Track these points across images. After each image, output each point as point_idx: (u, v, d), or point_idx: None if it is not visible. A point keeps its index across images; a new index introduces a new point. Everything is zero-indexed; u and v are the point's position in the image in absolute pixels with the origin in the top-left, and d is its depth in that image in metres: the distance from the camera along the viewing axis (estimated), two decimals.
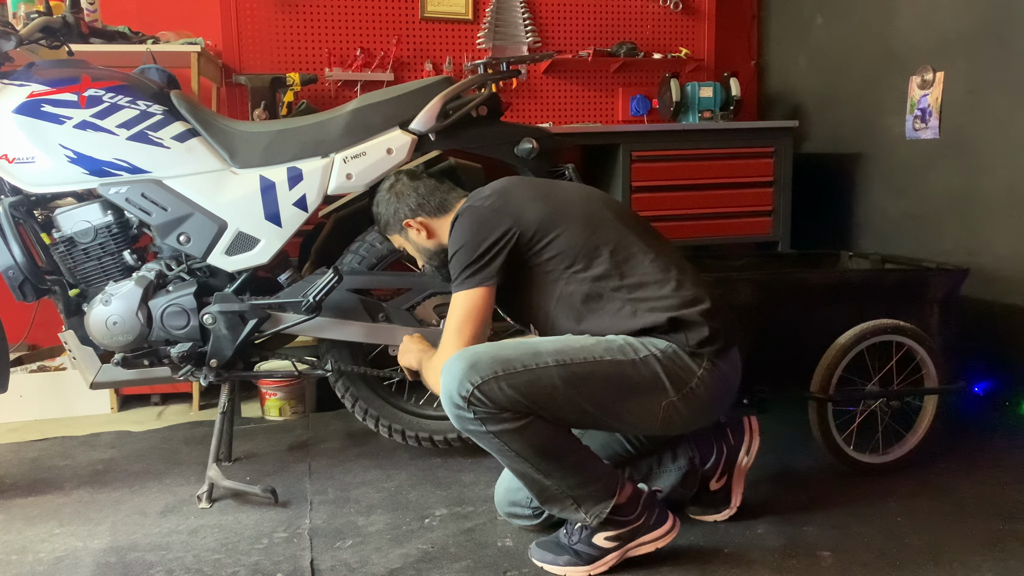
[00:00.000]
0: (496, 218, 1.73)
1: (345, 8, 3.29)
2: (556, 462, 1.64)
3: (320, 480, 2.25)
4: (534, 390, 1.58)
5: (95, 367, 2.16)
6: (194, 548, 1.86)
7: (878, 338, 2.15)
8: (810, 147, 3.61)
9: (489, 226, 1.72)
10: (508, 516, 1.92)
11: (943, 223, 2.93)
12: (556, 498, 1.68)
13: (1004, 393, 2.69)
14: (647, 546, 1.72)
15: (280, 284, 2.20)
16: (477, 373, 1.57)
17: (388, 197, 1.95)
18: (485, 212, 1.75)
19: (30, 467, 2.40)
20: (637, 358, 1.63)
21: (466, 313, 1.72)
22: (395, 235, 1.99)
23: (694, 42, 3.70)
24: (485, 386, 1.57)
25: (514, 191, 1.79)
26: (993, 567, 1.71)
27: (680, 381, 1.65)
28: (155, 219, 2.08)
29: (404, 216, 1.93)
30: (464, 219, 1.76)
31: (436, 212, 1.92)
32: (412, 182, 1.95)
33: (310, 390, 2.89)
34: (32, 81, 2.01)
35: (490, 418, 1.58)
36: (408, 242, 1.97)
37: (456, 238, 1.76)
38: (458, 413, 1.60)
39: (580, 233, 1.72)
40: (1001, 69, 2.67)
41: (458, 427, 1.63)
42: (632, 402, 1.65)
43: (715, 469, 1.93)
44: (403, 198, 1.93)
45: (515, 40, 3.49)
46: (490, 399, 1.57)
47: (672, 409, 1.66)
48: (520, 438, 1.60)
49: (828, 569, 1.71)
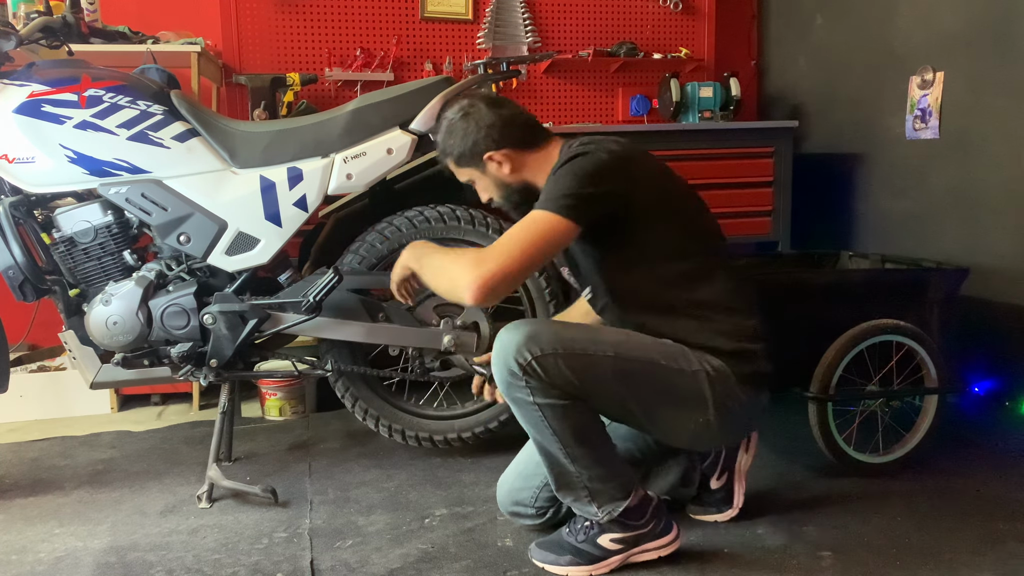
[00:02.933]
0: (618, 172, 1.63)
1: (345, 8, 3.29)
2: (586, 449, 1.62)
3: (320, 480, 2.25)
4: (588, 375, 1.58)
5: (95, 367, 2.16)
6: (194, 548, 1.86)
7: (878, 338, 2.14)
8: (810, 147, 3.61)
9: (608, 175, 1.61)
10: (511, 515, 1.91)
11: (943, 223, 2.93)
12: (573, 486, 1.67)
13: (1004, 393, 2.69)
14: (650, 553, 1.72)
15: (280, 284, 2.20)
16: (538, 345, 1.55)
17: (465, 126, 1.76)
18: (611, 160, 1.63)
19: (30, 467, 2.40)
20: (689, 370, 1.63)
21: (541, 235, 1.55)
22: (466, 168, 1.80)
23: (694, 42, 3.71)
24: (544, 359, 1.55)
25: (640, 160, 1.69)
26: (993, 567, 1.71)
27: (722, 403, 1.65)
28: (155, 219, 2.08)
29: (485, 148, 1.74)
30: (586, 159, 1.62)
31: (523, 144, 1.75)
32: (492, 109, 1.76)
33: (310, 390, 2.89)
34: (32, 81, 2.01)
35: (540, 391, 1.57)
36: (484, 176, 1.79)
37: (568, 168, 1.62)
38: (510, 379, 1.58)
39: (681, 232, 1.70)
40: (1001, 69, 2.67)
41: (504, 392, 1.61)
42: (672, 410, 1.66)
43: (715, 467, 1.93)
44: (485, 127, 1.74)
45: (515, 40, 3.49)
46: (546, 373, 1.55)
47: (706, 427, 1.66)
48: (562, 417, 1.59)
49: (828, 569, 1.71)
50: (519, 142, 1.75)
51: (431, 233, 2.27)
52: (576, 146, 1.69)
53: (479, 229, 2.29)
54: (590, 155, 1.64)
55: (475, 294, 1.52)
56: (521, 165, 1.76)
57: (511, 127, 1.75)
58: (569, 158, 1.65)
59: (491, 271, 1.52)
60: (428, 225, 2.27)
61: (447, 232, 2.28)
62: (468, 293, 1.52)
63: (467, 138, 1.76)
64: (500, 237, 1.59)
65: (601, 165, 1.63)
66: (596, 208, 1.61)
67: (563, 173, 1.62)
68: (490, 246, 1.59)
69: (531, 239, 1.56)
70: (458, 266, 1.57)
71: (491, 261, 1.53)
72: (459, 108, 1.79)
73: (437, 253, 1.70)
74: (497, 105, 1.77)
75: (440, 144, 1.83)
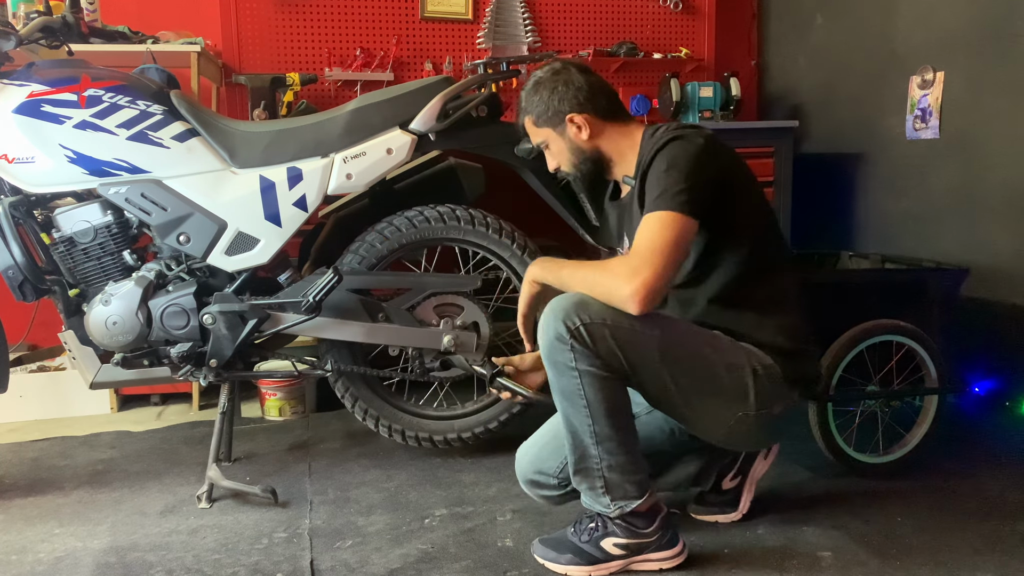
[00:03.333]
0: (717, 159, 1.64)
1: (345, 8, 3.29)
2: (613, 431, 1.61)
3: (320, 480, 2.25)
4: (633, 351, 1.58)
5: (95, 367, 2.16)
6: (194, 548, 1.86)
7: (878, 338, 2.14)
8: (810, 147, 3.61)
9: (710, 163, 1.62)
10: (530, 485, 1.88)
11: (943, 223, 2.93)
12: (590, 472, 1.65)
13: (1004, 393, 2.69)
14: (651, 564, 1.70)
15: (280, 284, 2.20)
16: (587, 313, 1.56)
17: (553, 84, 1.76)
18: (712, 147, 1.64)
19: (30, 467, 2.40)
20: (736, 363, 1.64)
21: (677, 236, 1.55)
22: (544, 128, 1.80)
23: (694, 42, 3.70)
24: (593, 327, 1.55)
25: (724, 148, 1.69)
26: (993, 567, 1.71)
27: (764, 401, 1.65)
28: (155, 219, 2.08)
29: (570, 108, 1.75)
30: (687, 145, 1.62)
31: (605, 114, 1.76)
32: (582, 73, 1.77)
33: (310, 390, 2.89)
34: (32, 81, 2.01)
35: (583, 357, 1.56)
36: (560, 138, 1.79)
37: (672, 159, 1.61)
38: (556, 342, 1.57)
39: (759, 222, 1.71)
40: (1001, 69, 2.67)
41: (546, 354, 1.60)
42: (712, 400, 1.66)
43: (731, 466, 1.93)
44: (573, 88, 1.74)
45: (515, 40, 3.49)
46: (592, 340, 1.56)
47: (744, 422, 1.66)
48: (599, 388, 1.58)
49: (828, 569, 1.71)
50: (602, 110, 1.76)
51: (431, 233, 2.27)
52: (670, 130, 1.68)
53: (479, 229, 2.29)
54: (687, 140, 1.63)
55: (641, 304, 1.52)
56: (599, 132, 1.77)
57: (598, 94, 1.76)
58: (666, 141, 1.64)
59: (649, 279, 1.52)
60: (428, 225, 2.26)
61: (447, 232, 2.28)
62: (633, 303, 1.53)
63: (553, 96, 1.76)
64: (637, 245, 1.57)
65: (702, 152, 1.62)
66: (707, 198, 1.61)
67: (670, 166, 1.61)
68: (631, 255, 1.57)
69: (671, 241, 1.55)
70: (611, 278, 1.57)
71: (645, 269, 1.53)
72: (549, 68, 1.79)
73: (577, 267, 1.67)
74: (586, 72, 1.78)
75: (522, 101, 1.82)
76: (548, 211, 2.38)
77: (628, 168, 1.78)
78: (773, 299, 1.71)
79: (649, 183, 1.63)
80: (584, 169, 1.80)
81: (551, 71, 1.78)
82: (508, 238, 2.31)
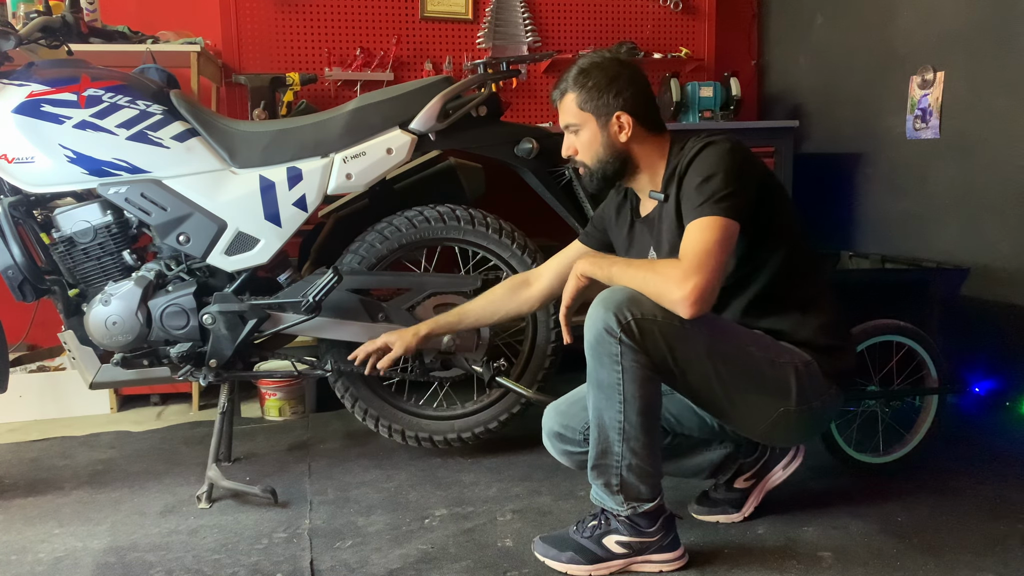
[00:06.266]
0: (753, 162, 1.67)
1: (345, 8, 3.29)
2: (642, 432, 1.62)
3: (320, 480, 2.25)
4: (680, 347, 1.59)
5: (95, 367, 2.16)
6: (194, 548, 1.86)
7: (878, 338, 2.14)
8: (810, 147, 3.61)
9: (747, 167, 1.65)
10: (554, 439, 1.88)
11: (943, 223, 2.93)
12: (608, 469, 1.66)
13: (1005, 393, 2.69)
14: (652, 565, 1.70)
15: (280, 284, 2.20)
16: (639, 308, 1.57)
17: (616, 73, 1.72)
18: (745, 152, 1.66)
19: (30, 467, 2.40)
20: (778, 360, 1.66)
21: (723, 241, 1.56)
22: (587, 113, 1.74)
23: (694, 42, 3.70)
24: (644, 322, 1.56)
25: (754, 153, 1.70)
26: (993, 567, 1.71)
27: (806, 396, 1.67)
28: (155, 219, 2.08)
29: (621, 106, 1.72)
30: (720, 149, 1.64)
31: (648, 123, 1.76)
32: (642, 79, 1.75)
33: (310, 390, 2.89)
34: (32, 81, 2.01)
35: (630, 352, 1.57)
36: (599, 130, 1.74)
37: (709, 162, 1.62)
38: (604, 334, 1.58)
39: (792, 224, 1.74)
40: (1001, 69, 2.67)
41: (592, 346, 1.60)
42: (754, 396, 1.67)
43: (753, 465, 1.94)
44: (633, 87, 1.73)
45: (515, 40, 3.49)
46: (642, 336, 1.56)
47: (785, 417, 1.68)
48: (640, 385, 1.59)
49: (828, 569, 1.71)
50: (648, 120, 1.76)
51: (431, 233, 2.27)
52: (702, 138, 1.69)
53: (479, 229, 2.29)
54: (724, 146, 1.65)
55: (693, 307, 1.53)
56: (637, 138, 1.75)
57: (649, 102, 1.76)
58: (702, 147, 1.65)
59: (701, 283, 1.53)
60: (428, 225, 2.26)
61: (447, 232, 2.28)
62: (685, 307, 1.53)
63: (611, 88, 1.72)
64: (686, 249, 1.57)
65: (741, 158, 1.64)
66: (749, 201, 1.63)
67: (712, 172, 1.61)
68: (681, 259, 1.57)
69: (718, 245, 1.56)
70: (662, 280, 1.56)
71: (696, 274, 1.53)
72: (613, 57, 1.77)
73: (628, 265, 1.67)
74: (644, 76, 1.77)
75: (573, 74, 1.75)
76: (548, 211, 2.39)
77: (654, 181, 1.78)
78: (811, 298, 1.74)
79: (687, 190, 1.64)
80: (609, 169, 1.77)
81: (616, 61, 1.75)
82: (508, 238, 2.31)
